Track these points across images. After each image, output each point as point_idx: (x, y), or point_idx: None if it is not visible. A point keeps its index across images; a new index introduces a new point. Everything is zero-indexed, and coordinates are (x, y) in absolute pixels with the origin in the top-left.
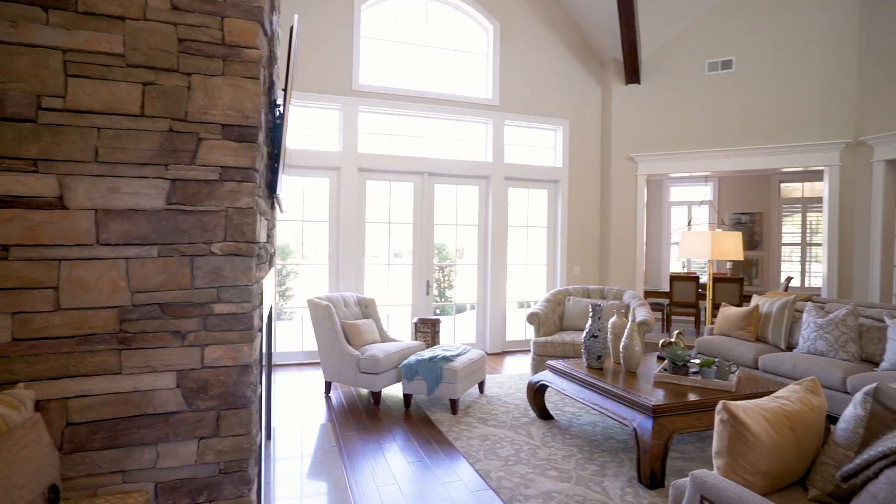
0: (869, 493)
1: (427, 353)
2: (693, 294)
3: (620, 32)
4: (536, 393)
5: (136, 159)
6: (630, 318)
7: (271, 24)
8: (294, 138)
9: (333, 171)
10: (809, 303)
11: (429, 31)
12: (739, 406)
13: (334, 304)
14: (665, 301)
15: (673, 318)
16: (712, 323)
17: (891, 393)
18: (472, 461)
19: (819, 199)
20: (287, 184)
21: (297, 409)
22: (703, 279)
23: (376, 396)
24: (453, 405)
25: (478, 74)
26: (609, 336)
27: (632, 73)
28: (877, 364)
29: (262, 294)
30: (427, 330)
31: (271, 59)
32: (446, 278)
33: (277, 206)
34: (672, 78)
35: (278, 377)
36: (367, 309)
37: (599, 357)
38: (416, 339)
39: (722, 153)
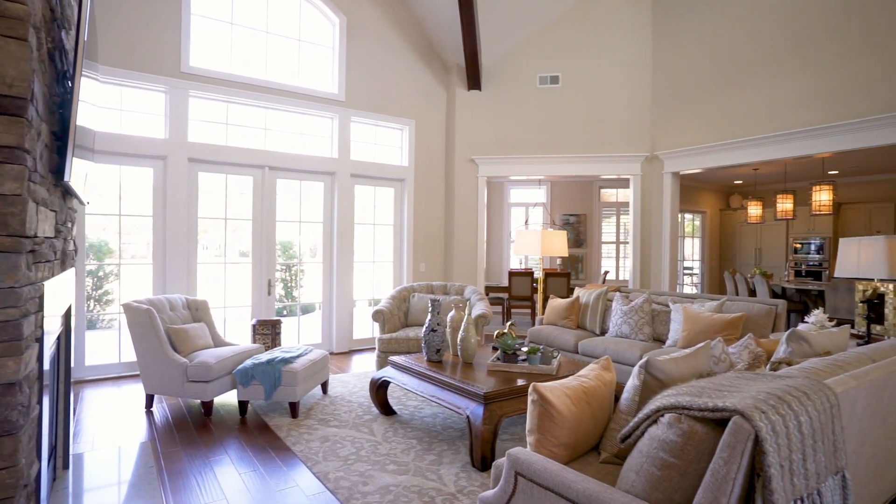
0: (637, 449)
1: (265, 356)
2: (529, 288)
3: (463, 41)
4: (379, 389)
5: None
6: (467, 312)
7: None
8: (109, 121)
9: (158, 161)
10: (617, 293)
11: (271, 16)
12: (546, 387)
13: (157, 307)
14: (505, 295)
15: (512, 310)
16: (543, 314)
17: (657, 364)
18: (310, 464)
19: (629, 204)
20: (99, 172)
21: (112, 428)
22: (539, 274)
23: (208, 406)
24: (293, 408)
25: (324, 68)
26: (448, 330)
27: (473, 79)
28: (664, 342)
29: (41, 298)
30: (267, 332)
31: (56, 22)
32: (293, 277)
33: (75, 197)
34: (509, 87)
35: (90, 394)
36: (198, 312)
37: (438, 350)
38: (255, 341)
39: (552, 159)
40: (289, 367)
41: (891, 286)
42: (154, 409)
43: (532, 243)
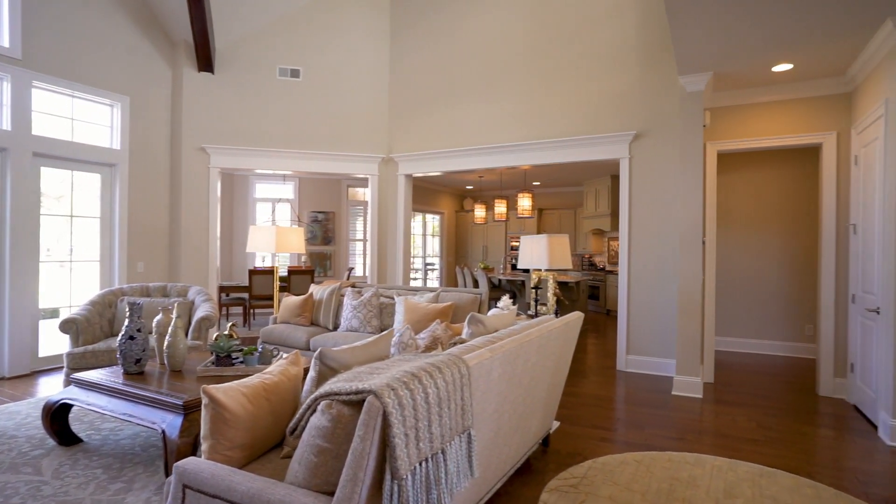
0: (301, 439)
1: None
2: (272, 287)
3: (189, 14)
4: (55, 415)
5: None
6: (175, 314)
7: None
8: None
9: None
10: (349, 288)
11: None
12: (219, 388)
13: None
14: (247, 295)
15: (255, 310)
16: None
17: (330, 354)
18: None
19: None
20: None
21: None
22: (284, 272)
23: None
24: None
25: None
26: (154, 336)
27: (205, 61)
28: None
29: None
30: None
31: None
32: None
33: None
34: (248, 75)
35: None
36: None
37: (139, 360)
38: None
39: (295, 154)
40: None
41: (550, 275)
42: None
43: (266, 240)
